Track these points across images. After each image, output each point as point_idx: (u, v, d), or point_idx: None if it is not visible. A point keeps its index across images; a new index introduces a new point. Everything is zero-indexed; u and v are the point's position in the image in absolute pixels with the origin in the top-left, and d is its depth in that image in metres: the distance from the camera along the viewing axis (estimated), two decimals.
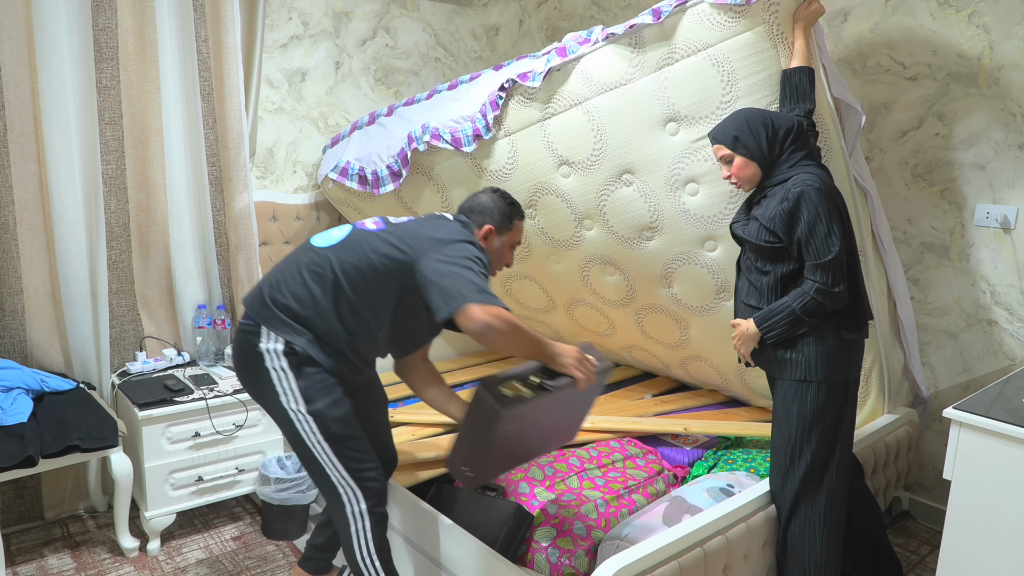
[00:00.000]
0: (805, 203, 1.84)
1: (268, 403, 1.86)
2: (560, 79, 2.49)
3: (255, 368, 1.83)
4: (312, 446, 1.82)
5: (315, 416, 1.80)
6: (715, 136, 1.99)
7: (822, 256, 1.84)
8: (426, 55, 3.74)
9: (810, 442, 1.95)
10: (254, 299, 1.86)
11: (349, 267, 1.80)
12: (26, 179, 2.52)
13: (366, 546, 1.87)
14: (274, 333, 1.80)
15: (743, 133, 1.93)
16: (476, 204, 2.00)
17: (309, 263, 1.83)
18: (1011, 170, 2.53)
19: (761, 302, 1.98)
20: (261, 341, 1.81)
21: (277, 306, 1.81)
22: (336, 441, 1.82)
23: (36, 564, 2.44)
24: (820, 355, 1.91)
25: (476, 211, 1.99)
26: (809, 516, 1.98)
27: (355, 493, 1.85)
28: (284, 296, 1.81)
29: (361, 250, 1.81)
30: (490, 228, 1.97)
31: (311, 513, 2.73)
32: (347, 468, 1.84)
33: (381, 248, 1.80)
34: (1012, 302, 2.59)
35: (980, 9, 2.52)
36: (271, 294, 1.83)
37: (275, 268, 1.90)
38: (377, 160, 2.96)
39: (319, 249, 1.85)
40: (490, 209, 1.99)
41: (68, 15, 2.47)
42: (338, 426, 1.82)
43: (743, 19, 2.14)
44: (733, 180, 1.99)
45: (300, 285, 1.81)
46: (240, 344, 1.87)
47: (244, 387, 1.93)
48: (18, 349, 2.59)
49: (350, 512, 1.85)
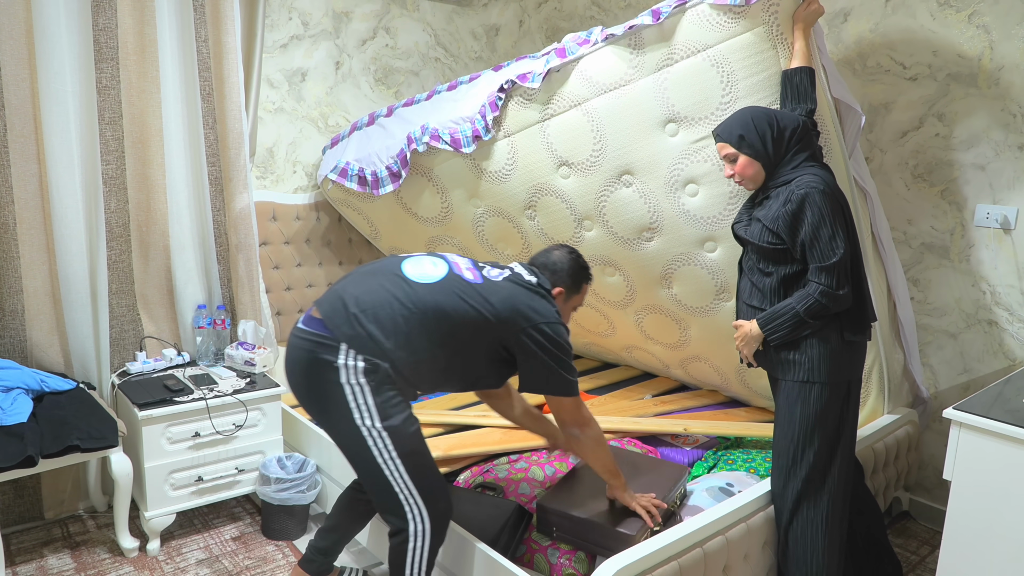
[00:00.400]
0: (809, 205, 1.83)
1: (335, 418, 1.83)
2: (559, 80, 2.49)
3: (325, 381, 1.80)
4: (384, 463, 1.81)
5: (391, 432, 1.80)
6: (719, 134, 1.98)
7: (827, 259, 1.83)
8: (426, 55, 3.74)
9: (812, 443, 1.95)
10: (337, 314, 1.83)
11: (439, 310, 1.82)
12: (26, 179, 2.52)
13: (419, 564, 1.87)
14: (354, 351, 1.79)
15: (748, 132, 1.92)
16: (551, 261, 2.03)
17: (401, 296, 1.83)
18: (1011, 170, 2.53)
19: (764, 303, 1.98)
20: (339, 357, 1.79)
21: (363, 328, 1.80)
22: (410, 458, 1.83)
23: (36, 564, 2.44)
24: (823, 356, 1.91)
25: (550, 269, 2.02)
26: (811, 517, 1.98)
27: (422, 511, 1.85)
28: (370, 320, 1.80)
29: (455, 298, 1.84)
30: (561, 291, 2.00)
31: (311, 513, 2.74)
32: (418, 486, 1.84)
33: (477, 303, 1.84)
34: (1012, 302, 2.58)
35: (980, 9, 2.52)
36: (357, 315, 1.81)
37: (359, 284, 1.88)
38: (376, 161, 2.96)
39: (412, 282, 1.85)
40: (563, 270, 2.02)
41: (68, 15, 2.47)
42: (413, 443, 1.84)
43: (743, 20, 2.14)
44: (736, 179, 1.98)
45: (388, 316, 1.81)
46: (309, 356, 1.82)
47: (302, 398, 1.89)
48: (18, 349, 2.59)
49: (413, 530, 1.85)
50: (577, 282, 2.04)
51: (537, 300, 1.89)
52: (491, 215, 2.85)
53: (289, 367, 1.90)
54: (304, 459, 2.69)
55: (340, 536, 2.17)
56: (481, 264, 1.99)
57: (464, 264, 1.96)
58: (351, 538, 2.20)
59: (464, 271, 1.91)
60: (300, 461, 2.69)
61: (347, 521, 2.17)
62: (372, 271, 1.91)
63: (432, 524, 1.86)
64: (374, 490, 1.87)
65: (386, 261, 1.95)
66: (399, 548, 1.87)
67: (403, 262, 1.93)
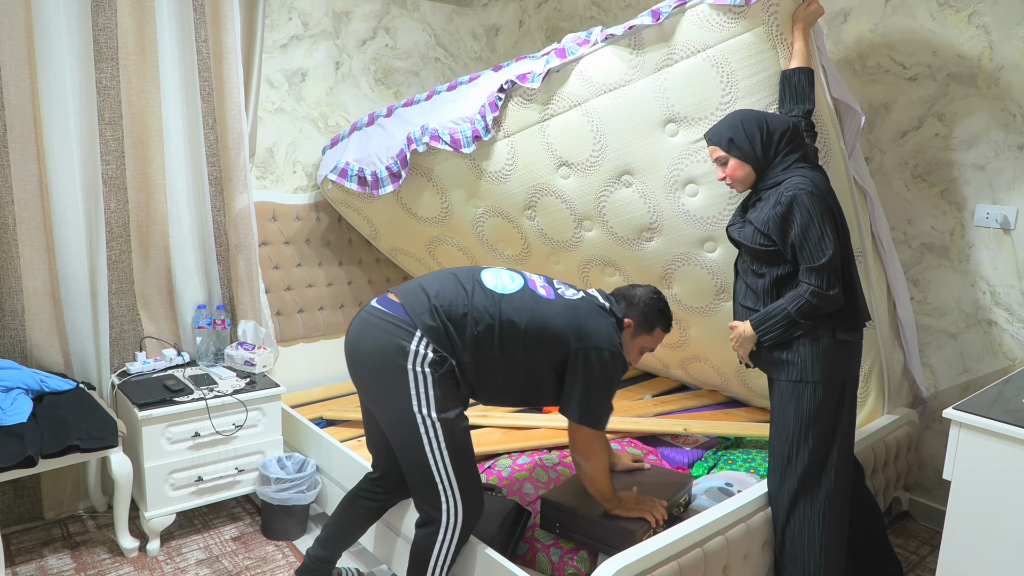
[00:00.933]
0: (798, 207, 1.85)
1: (393, 400, 1.85)
2: (559, 80, 2.49)
3: (392, 363, 1.83)
4: (431, 452, 1.84)
5: (444, 424, 1.83)
6: (710, 138, 2.01)
7: (816, 259, 1.84)
8: (426, 55, 3.74)
9: (807, 442, 1.96)
10: (419, 303, 1.87)
11: (510, 321, 1.88)
12: (26, 179, 2.52)
13: (444, 559, 1.88)
14: (427, 340, 1.82)
15: (738, 135, 1.94)
16: (632, 295, 2.06)
17: (477, 301, 1.88)
18: (1011, 170, 2.53)
19: (758, 304, 1.99)
20: (413, 343, 1.82)
21: (440, 321, 1.85)
22: (458, 452, 1.86)
23: (36, 564, 2.44)
24: (815, 356, 1.92)
25: (628, 301, 2.05)
26: (808, 516, 1.98)
27: (457, 506, 1.87)
28: (447, 317, 1.86)
29: (526, 310, 1.90)
30: (630, 323, 2.02)
31: (311, 513, 2.73)
32: (459, 481, 1.86)
33: (548, 318, 1.89)
34: (1012, 302, 2.59)
35: (980, 9, 2.52)
36: (437, 307, 1.86)
37: (441, 282, 1.93)
38: (376, 161, 2.96)
39: (488, 290, 1.91)
40: (638, 305, 2.04)
41: (68, 15, 2.47)
42: (462, 438, 1.87)
43: (742, 20, 2.14)
44: (728, 181, 2.00)
45: (461, 315, 1.87)
46: (383, 336, 1.85)
47: (364, 376, 1.91)
48: (18, 349, 2.59)
49: (445, 521, 1.87)
50: (650, 321, 2.05)
51: (602, 323, 1.92)
52: (491, 215, 2.85)
53: (356, 340, 1.91)
54: (304, 459, 2.69)
55: (340, 545, 2.17)
56: (559, 284, 2.04)
57: (540, 281, 2.01)
58: (351, 544, 2.20)
59: (539, 287, 1.97)
60: (300, 461, 2.69)
61: (347, 528, 2.16)
62: (453, 273, 1.98)
63: (464, 520, 1.88)
64: (415, 477, 1.89)
65: (466, 268, 2.01)
66: (427, 539, 1.88)
67: (482, 271, 1.98)
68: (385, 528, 2.30)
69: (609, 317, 1.96)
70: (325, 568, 2.17)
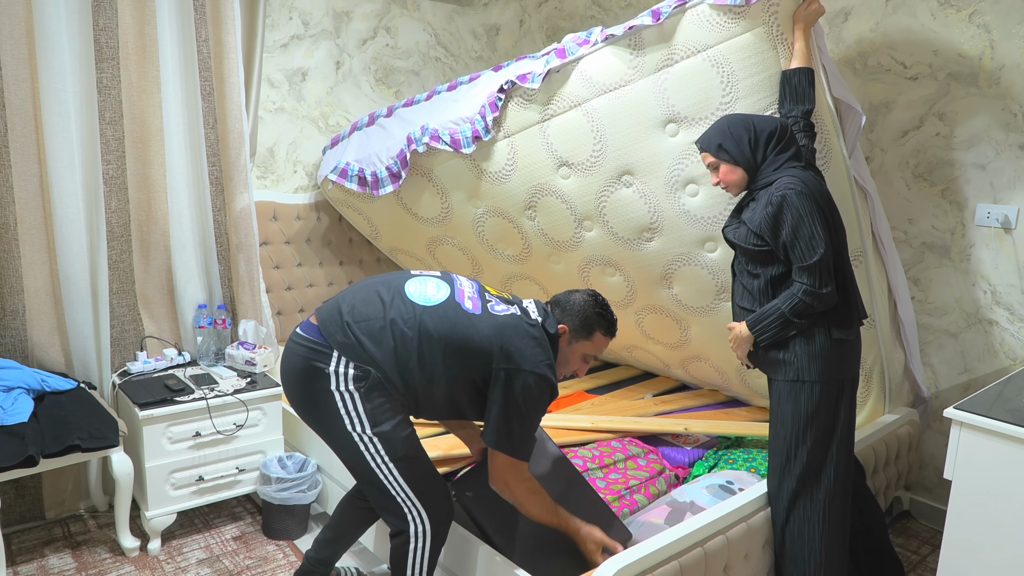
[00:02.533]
0: (788, 206, 1.86)
1: (327, 426, 1.83)
2: (559, 81, 2.49)
3: (316, 389, 1.81)
4: (377, 468, 1.82)
5: (382, 438, 1.80)
6: (701, 145, 2.04)
7: (807, 258, 1.85)
8: (426, 55, 3.74)
9: (805, 442, 1.96)
10: (332, 322, 1.84)
11: (428, 334, 1.81)
12: (27, 179, 2.52)
13: (420, 566, 1.87)
14: (346, 359, 1.79)
15: (725, 140, 1.96)
16: (568, 301, 1.96)
17: (395, 312, 1.82)
18: (1012, 170, 2.53)
19: (754, 304, 2.00)
20: (331, 364, 1.80)
21: (354, 336, 1.81)
22: (403, 462, 1.83)
23: (37, 564, 2.44)
24: (811, 355, 1.92)
25: (562, 307, 1.95)
26: (808, 516, 1.98)
27: (420, 513, 1.85)
28: (362, 331, 1.81)
29: (447, 323, 1.81)
30: (564, 329, 1.92)
31: (312, 513, 2.74)
32: (414, 489, 1.84)
33: (469, 333, 1.81)
34: (1013, 302, 2.58)
35: (981, 9, 2.52)
36: (349, 323, 1.82)
37: (358, 294, 1.88)
38: (376, 161, 2.96)
39: (409, 301, 1.84)
40: (573, 310, 1.94)
41: (68, 15, 2.47)
42: (405, 447, 1.83)
43: (743, 20, 2.14)
44: (722, 185, 2.02)
45: (378, 328, 1.81)
46: (302, 363, 1.83)
47: (296, 406, 1.90)
48: (19, 349, 2.59)
49: (413, 531, 1.86)
50: (588, 326, 1.93)
51: (529, 344, 1.81)
52: (491, 215, 2.85)
53: (284, 373, 1.90)
54: (305, 459, 2.69)
55: (340, 546, 2.17)
56: (491, 296, 1.94)
57: (469, 292, 1.92)
58: (350, 546, 2.20)
59: (465, 299, 1.88)
60: (301, 461, 2.69)
61: (346, 530, 2.16)
62: (374, 283, 1.92)
63: (432, 526, 1.86)
64: (372, 493, 1.88)
65: (393, 276, 1.95)
66: (400, 549, 1.88)
67: (408, 280, 1.91)
68: (385, 527, 2.30)
69: (539, 336, 1.84)
70: (324, 570, 2.17)
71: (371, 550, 2.42)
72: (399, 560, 1.88)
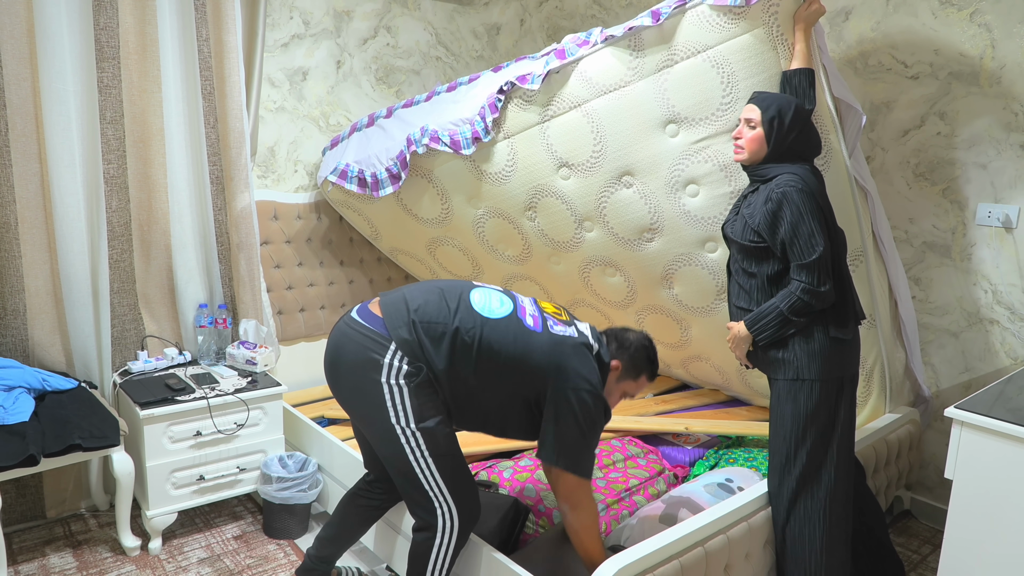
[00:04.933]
0: (787, 204, 1.85)
1: (370, 415, 1.84)
2: (559, 81, 2.49)
3: (367, 379, 1.81)
4: (416, 461, 1.83)
5: (425, 433, 1.81)
6: (759, 101, 1.97)
7: (806, 256, 1.84)
8: (427, 54, 3.74)
9: (805, 441, 1.96)
10: (398, 316, 1.84)
11: (490, 346, 1.82)
12: (28, 178, 2.52)
13: (442, 562, 1.88)
14: (402, 354, 1.80)
15: (783, 119, 1.92)
16: (624, 338, 1.99)
17: (459, 320, 1.84)
18: (1013, 169, 2.52)
19: (751, 304, 2.00)
20: (387, 356, 1.80)
21: (417, 335, 1.82)
22: (442, 459, 1.84)
23: (38, 563, 2.44)
24: (811, 354, 1.92)
25: (619, 343, 1.98)
26: (808, 515, 1.98)
27: (452, 511, 1.86)
28: (424, 332, 1.82)
29: (509, 337, 1.83)
30: (618, 365, 1.95)
31: (312, 512, 2.74)
32: (449, 487, 1.85)
33: (529, 350, 1.83)
34: (1014, 301, 2.58)
35: (982, 8, 2.52)
36: (415, 322, 1.83)
37: (425, 295, 1.89)
38: (376, 163, 2.96)
39: (474, 311, 1.86)
40: (628, 349, 1.97)
41: (69, 14, 2.47)
42: (447, 445, 1.85)
43: (743, 21, 2.14)
44: (741, 142, 1.98)
45: (440, 333, 1.82)
46: (357, 349, 1.83)
47: (340, 390, 1.90)
48: (20, 348, 2.60)
49: (441, 526, 1.86)
50: (637, 367, 1.98)
51: (584, 364, 1.84)
52: (491, 216, 2.85)
53: (333, 355, 1.90)
54: (305, 458, 2.70)
55: (341, 544, 2.17)
56: (549, 316, 1.95)
57: (530, 309, 1.94)
58: (351, 545, 2.20)
59: (527, 316, 1.90)
60: (301, 460, 2.70)
61: (347, 528, 2.17)
62: (441, 287, 1.93)
63: (461, 524, 1.87)
64: (405, 487, 1.89)
65: (456, 282, 1.97)
66: (424, 544, 1.88)
67: (473, 290, 1.93)
68: (386, 527, 2.30)
69: (593, 359, 1.88)
70: (325, 568, 2.17)
71: (371, 550, 2.42)
72: (421, 555, 1.89)
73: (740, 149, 1.98)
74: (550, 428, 1.83)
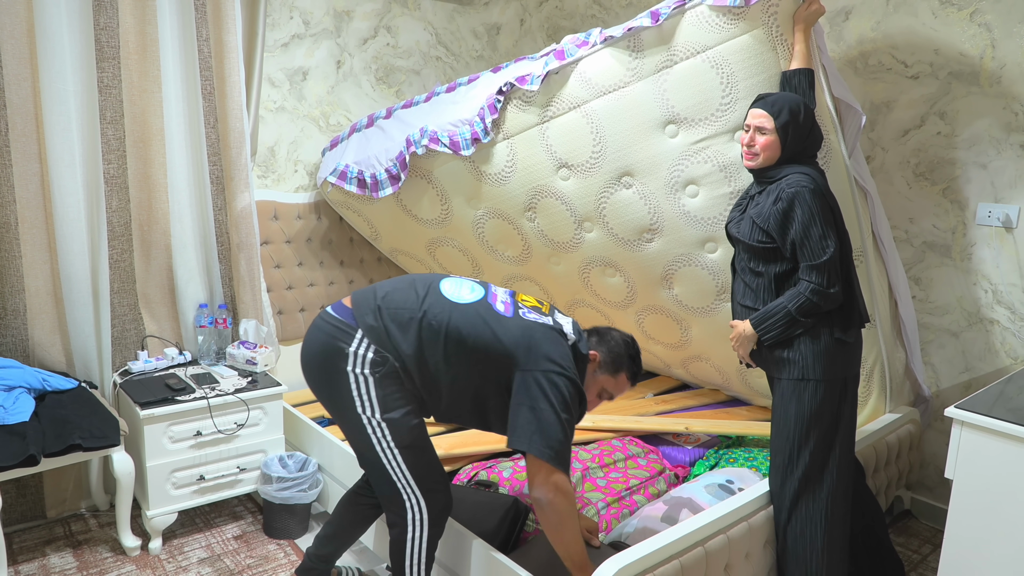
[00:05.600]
0: (799, 204, 1.84)
1: (339, 405, 1.86)
2: (558, 82, 2.49)
3: (334, 368, 1.82)
4: (382, 452, 1.84)
5: (390, 424, 1.82)
6: (768, 106, 1.93)
7: (817, 257, 1.84)
8: (427, 54, 3.74)
9: (808, 441, 1.96)
10: (365, 304, 1.86)
11: (458, 330, 1.81)
12: (28, 178, 2.52)
13: (419, 554, 1.89)
14: (369, 341, 1.81)
15: (795, 121, 1.90)
16: (607, 333, 1.96)
17: (427, 306, 1.83)
18: (1013, 169, 2.52)
19: (757, 303, 1.99)
20: (352, 344, 1.81)
21: (382, 321, 1.83)
22: (408, 450, 1.85)
23: (38, 563, 2.44)
24: (816, 354, 1.92)
25: (600, 336, 1.95)
26: (810, 515, 1.98)
27: (419, 502, 1.87)
28: (391, 318, 1.83)
29: (478, 320, 1.82)
30: (596, 356, 1.91)
31: (313, 512, 2.74)
32: (415, 478, 1.86)
33: (496, 331, 1.80)
34: (1014, 301, 2.58)
35: (982, 8, 2.52)
36: (380, 307, 1.84)
37: (395, 284, 1.90)
38: (376, 163, 2.96)
39: (444, 298, 1.86)
40: (610, 346, 1.93)
41: (69, 14, 2.47)
42: (412, 436, 1.85)
43: (742, 21, 2.14)
44: (753, 148, 1.95)
45: (408, 318, 1.82)
46: (325, 339, 1.85)
47: (313, 383, 1.92)
48: (20, 348, 2.60)
49: (411, 518, 1.87)
50: (617, 363, 1.91)
51: (559, 351, 1.78)
52: (491, 217, 2.85)
53: (305, 349, 1.92)
54: (305, 458, 2.70)
55: (341, 543, 2.17)
56: (523, 304, 1.91)
57: (502, 296, 1.92)
58: (351, 544, 2.20)
59: (498, 302, 1.89)
60: (302, 460, 2.70)
61: (347, 527, 2.17)
62: (411, 278, 1.95)
63: (430, 516, 1.88)
64: (375, 478, 1.90)
65: (429, 275, 1.97)
66: (399, 539, 1.90)
67: (443, 280, 1.93)
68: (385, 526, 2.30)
69: (566, 346, 1.82)
70: (325, 567, 2.17)
71: (371, 549, 2.42)
72: (398, 551, 1.90)
73: (753, 155, 1.95)
74: (519, 412, 1.73)
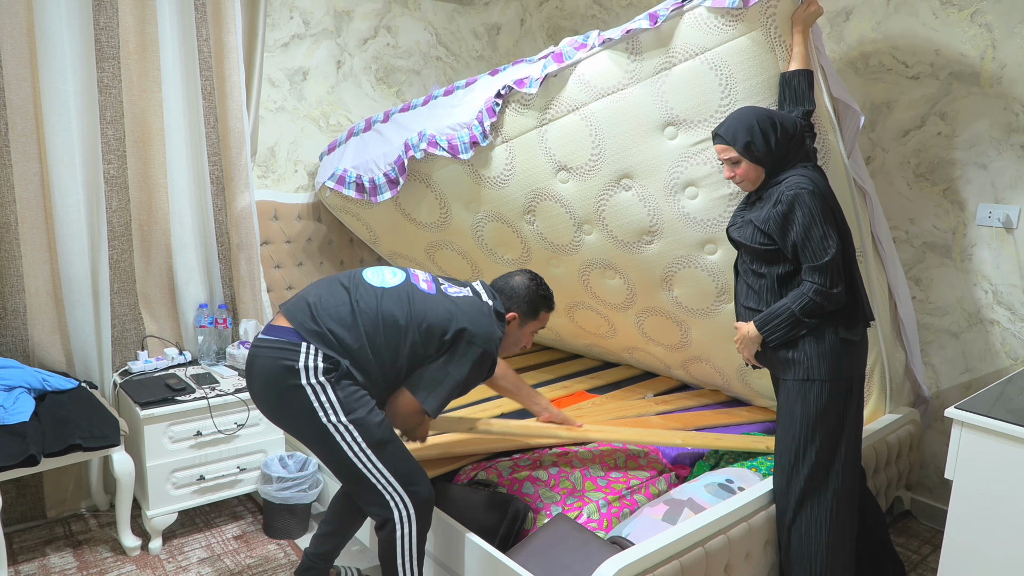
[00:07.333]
0: (799, 206, 1.85)
1: (301, 424, 1.84)
2: (557, 85, 2.48)
3: (286, 387, 1.81)
4: (355, 456, 1.84)
5: (357, 424, 1.82)
6: (723, 136, 1.94)
7: (819, 258, 1.84)
8: (427, 54, 3.74)
9: (814, 441, 1.96)
10: (301, 313, 1.87)
11: (391, 314, 1.88)
12: (28, 178, 2.52)
13: (411, 553, 1.89)
14: (315, 346, 1.82)
15: (755, 138, 1.90)
16: (509, 287, 2.09)
17: (358, 296, 1.89)
18: (1013, 169, 2.52)
19: (760, 304, 1.99)
20: (300, 359, 1.81)
21: (324, 324, 1.84)
22: (379, 447, 1.85)
23: (38, 563, 2.44)
24: (821, 354, 1.92)
25: (507, 294, 2.08)
26: (815, 516, 1.98)
27: (403, 499, 1.87)
28: (331, 318, 1.85)
29: (405, 302, 1.90)
30: (515, 316, 2.06)
31: (313, 512, 2.74)
32: (394, 474, 1.86)
33: (426, 311, 1.90)
34: (1014, 302, 2.58)
35: (982, 8, 2.52)
36: (319, 312, 1.86)
37: (321, 288, 1.94)
38: (374, 168, 2.95)
39: (369, 286, 1.92)
40: (520, 297, 2.08)
41: (69, 14, 2.47)
42: (380, 432, 1.85)
43: (740, 23, 2.14)
44: (737, 180, 1.98)
45: (347, 313, 1.86)
46: (270, 363, 1.83)
47: (268, 410, 1.90)
48: (20, 348, 2.60)
49: (398, 518, 1.87)
50: (534, 309, 2.09)
51: (484, 322, 1.93)
52: (490, 220, 2.85)
53: (251, 379, 1.90)
54: (305, 458, 2.70)
55: (338, 540, 2.17)
56: (442, 280, 2.05)
57: (423, 276, 2.02)
58: (349, 539, 2.20)
59: (420, 282, 1.98)
60: (301, 460, 2.70)
61: (344, 522, 2.17)
62: (333, 278, 1.99)
63: (416, 509, 1.88)
64: (352, 486, 1.89)
65: (348, 271, 2.02)
66: (388, 539, 1.89)
67: (364, 271, 1.99)
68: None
69: (491, 317, 1.97)
70: (324, 566, 2.17)
71: (371, 549, 2.42)
72: (389, 551, 1.89)
73: (743, 183, 1.98)
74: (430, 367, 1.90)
